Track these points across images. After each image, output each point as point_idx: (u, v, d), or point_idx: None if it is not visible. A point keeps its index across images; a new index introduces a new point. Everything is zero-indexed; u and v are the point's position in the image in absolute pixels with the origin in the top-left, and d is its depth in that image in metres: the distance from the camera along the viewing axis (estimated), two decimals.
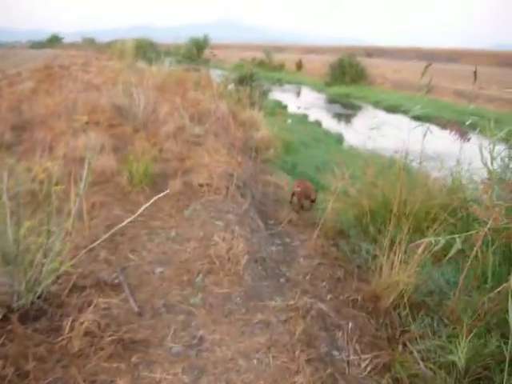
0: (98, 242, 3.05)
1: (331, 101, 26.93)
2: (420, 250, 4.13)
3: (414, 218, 5.43)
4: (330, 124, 17.55)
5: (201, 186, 5.27)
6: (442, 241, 3.86)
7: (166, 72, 13.16)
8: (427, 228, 5.32)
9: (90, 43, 45.37)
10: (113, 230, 3.17)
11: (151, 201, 3.25)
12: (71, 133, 6.75)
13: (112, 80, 12.72)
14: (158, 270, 3.55)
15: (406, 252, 4.23)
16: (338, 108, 23.82)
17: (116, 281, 3.27)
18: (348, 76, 33.05)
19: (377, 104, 24.70)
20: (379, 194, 5.71)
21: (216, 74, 17.50)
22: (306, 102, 24.65)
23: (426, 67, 6.08)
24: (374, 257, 4.99)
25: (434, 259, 4.73)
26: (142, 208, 3.19)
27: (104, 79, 13.54)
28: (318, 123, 16.03)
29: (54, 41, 56.85)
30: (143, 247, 3.91)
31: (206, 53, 52.18)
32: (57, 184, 2.86)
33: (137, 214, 3.20)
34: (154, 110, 8.30)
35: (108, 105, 8.79)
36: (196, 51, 50.89)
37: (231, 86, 14.97)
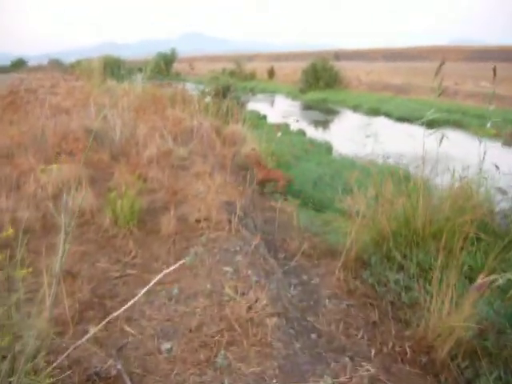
0: (86, 337, 2.25)
1: (308, 107, 26.30)
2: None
3: (442, 237, 4.77)
4: (313, 132, 16.89)
5: (198, 221, 4.50)
6: (509, 276, 3.18)
7: (140, 89, 12.35)
8: (461, 249, 4.65)
9: (56, 64, 44.24)
10: (108, 318, 2.36)
11: (170, 268, 2.45)
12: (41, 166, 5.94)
13: (82, 102, 11.88)
14: (165, 346, 2.75)
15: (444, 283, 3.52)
16: (317, 115, 23.17)
17: (113, 371, 2.47)
18: (322, 81, 32.47)
19: (356, 108, 24.13)
20: (399, 213, 5.00)
21: (189, 88, 16.76)
22: (283, 111, 23.99)
23: (440, 66, 5.43)
24: (405, 288, 4.30)
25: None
26: (162, 274, 2.39)
27: (74, 101, 12.67)
28: (302, 132, 15.31)
29: (19, 64, 55.34)
30: (141, 314, 3.11)
31: (176, 66, 51.60)
32: (22, 263, 2.07)
33: (148, 288, 2.39)
34: (133, 133, 7.52)
35: (80, 130, 7.97)
36: (164, 66, 50.23)
37: (208, 99, 14.26)
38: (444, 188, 5.44)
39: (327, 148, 12.75)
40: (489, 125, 5.61)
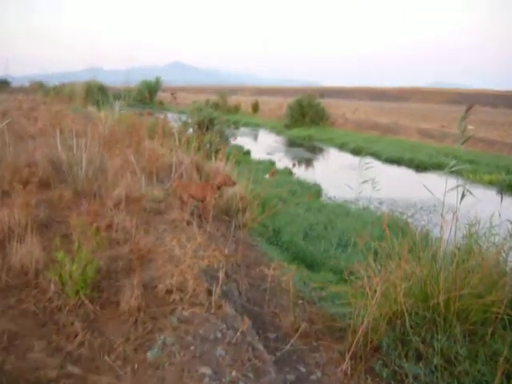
0: None
1: (294, 144, 25.59)
2: None
3: (468, 318, 3.89)
4: (300, 171, 16.08)
5: (169, 292, 3.51)
6: None
7: (117, 118, 11.39)
8: (491, 335, 3.77)
9: (38, 87, 43.21)
10: None
11: None
12: None
13: (55, 128, 10.84)
14: None
15: None
16: (303, 152, 22.41)
17: None
18: (308, 117, 31.91)
19: (342, 146, 23.46)
20: (416, 286, 4.10)
21: (171, 118, 15.90)
22: (267, 146, 23.25)
23: (468, 110, 4.61)
24: None
25: None
26: None
27: (45, 127, 11.63)
28: (288, 171, 14.48)
29: (3, 85, 53.86)
30: None
31: (160, 95, 50.88)
32: None
33: None
34: (102, 168, 6.55)
35: (44, 161, 6.97)
36: (148, 94, 49.60)
37: (190, 132, 13.41)
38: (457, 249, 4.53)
39: (316, 190, 11.93)
40: None
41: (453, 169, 4.78)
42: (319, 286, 5.28)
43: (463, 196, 4.59)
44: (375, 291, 3.73)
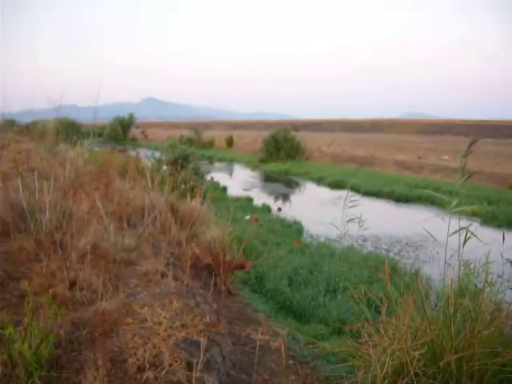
0: None
1: (270, 179, 25.19)
2: None
3: (483, 379, 3.44)
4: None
5: (141, 370, 2.96)
6: None
7: (86, 156, 10.84)
8: None
9: (10, 125, 42.39)
10: None
11: None
12: None
13: (23, 168, 10.23)
14: None
15: None
16: (280, 187, 22.00)
17: None
18: (283, 151, 31.69)
19: (320, 180, 23.16)
20: (423, 344, 3.61)
21: (144, 155, 15.43)
22: (244, 181, 22.85)
23: (471, 144, 4.21)
24: None
25: None
26: None
27: (9, 168, 11.01)
28: (266, 208, 14.03)
29: None
30: None
31: (134, 131, 50.36)
32: None
33: None
34: (67, 214, 5.99)
35: (5, 207, 6.38)
36: (122, 131, 49.11)
37: (164, 170, 12.95)
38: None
39: (297, 228, 11.47)
40: None
41: (456, 209, 4.40)
42: (309, 341, 4.77)
43: (466, 239, 4.22)
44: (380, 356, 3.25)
